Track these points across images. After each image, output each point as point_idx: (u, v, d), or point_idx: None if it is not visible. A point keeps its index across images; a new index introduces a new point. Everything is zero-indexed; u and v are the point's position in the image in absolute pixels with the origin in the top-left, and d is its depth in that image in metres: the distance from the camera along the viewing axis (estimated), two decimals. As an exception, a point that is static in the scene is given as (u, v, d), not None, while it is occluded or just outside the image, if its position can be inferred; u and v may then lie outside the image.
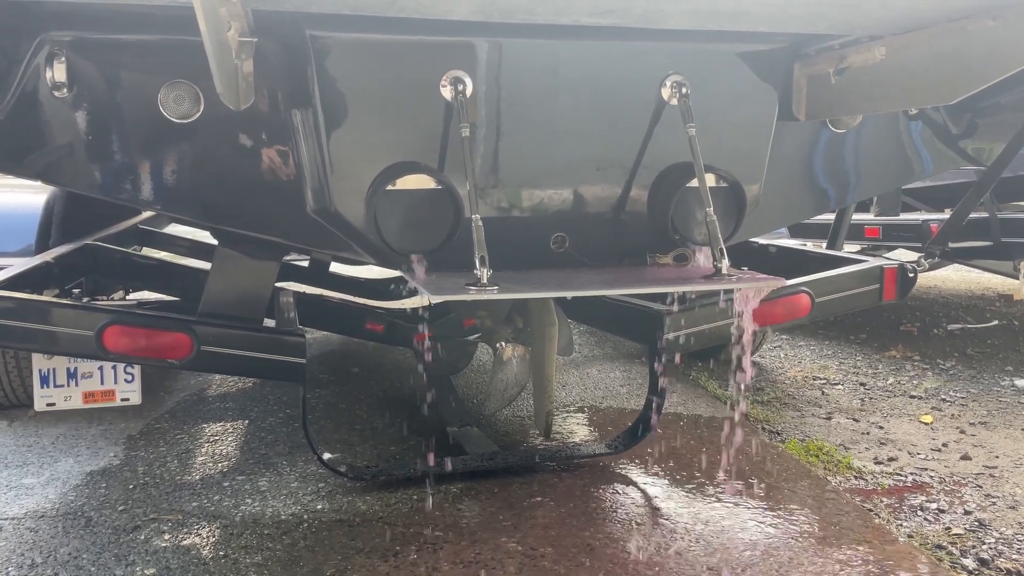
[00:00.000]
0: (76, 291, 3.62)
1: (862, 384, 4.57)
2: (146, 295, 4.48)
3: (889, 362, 5.01)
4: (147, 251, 4.93)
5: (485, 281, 1.96)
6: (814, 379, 4.70)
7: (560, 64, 2.29)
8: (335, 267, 5.10)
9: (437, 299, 1.93)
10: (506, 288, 1.98)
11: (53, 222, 3.98)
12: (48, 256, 3.40)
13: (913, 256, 5.31)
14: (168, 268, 4.24)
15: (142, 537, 2.72)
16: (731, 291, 2.60)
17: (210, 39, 1.64)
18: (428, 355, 4.08)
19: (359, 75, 2.16)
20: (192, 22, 1.93)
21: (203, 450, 3.54)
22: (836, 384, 4.59)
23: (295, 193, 2.31)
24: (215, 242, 4.77)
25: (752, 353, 4.81)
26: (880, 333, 5.68)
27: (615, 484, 3.14)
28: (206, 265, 4.62)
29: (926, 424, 3.92)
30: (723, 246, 2.13)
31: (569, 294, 2.43)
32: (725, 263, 2.10)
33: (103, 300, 3.93)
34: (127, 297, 4.57)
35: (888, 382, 4.60)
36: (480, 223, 2.00)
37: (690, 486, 3.11)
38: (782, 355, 5.23)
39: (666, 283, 2.23)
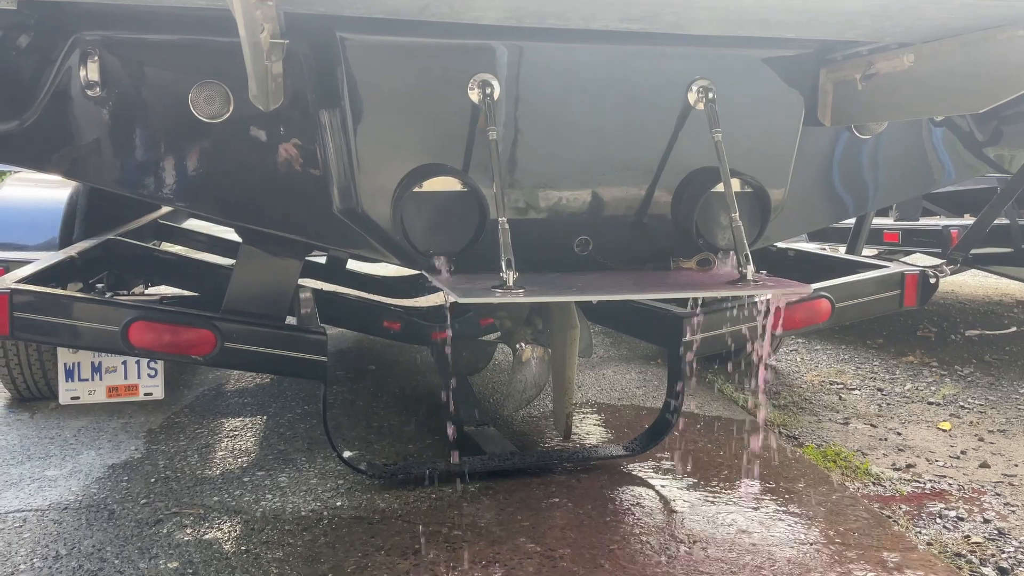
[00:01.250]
0: (99, 286, 3.67)
1: (879, 390, 4.56)
2: (164, 290, 4.51)
3: (906, 367, 4.99)
4: (166, 246, 4.98)
5: (511, 284, 1.97)
6: (831, 384, 4.69)
7: (586, 68, 2.30)
8: (352, 264, 5.13)
9: (464, 301, 1.95)
10: (531, 291, 1.99)
11: (76, 217, 4.03)
12: (72, 251, 3.43)
13: (929, 261, 5.31)
14: (187, 263, 4.27)
15: (164, 530, 2.75)
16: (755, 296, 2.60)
17: (247, 41, 1.66)
18: (446, 354, 4.10)
19: (388, 77, 2.17)
20: (222, 23, 1.96)
21: (223, 445, 3.57)
22: (853, 389, 4.58)
23: (322, 193, 2.32)
24: (232, 237, 4.83)
25: (768, 357, 4.80)
26: (897, 338, 5.66)
27: (632, 486, 3.14)
28: (224, 260, 4.67)
29: (944, 431, 3.91)
30: (748, 251, 2.13)
31: (594, 298, 2.44)
32: (750, 269, 2.11)
33: (125, 294, 3.99)
34: (146, 292, 4.62)
35: (905, 388, 4.58)
36: (507, 226, 2.02)
37: (707, 489, 3.12)
38: (798, 359, 5.22)
39: (691, 288, 2.23)
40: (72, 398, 3.05)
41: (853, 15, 1.88)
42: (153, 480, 3.17)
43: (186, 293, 4.28)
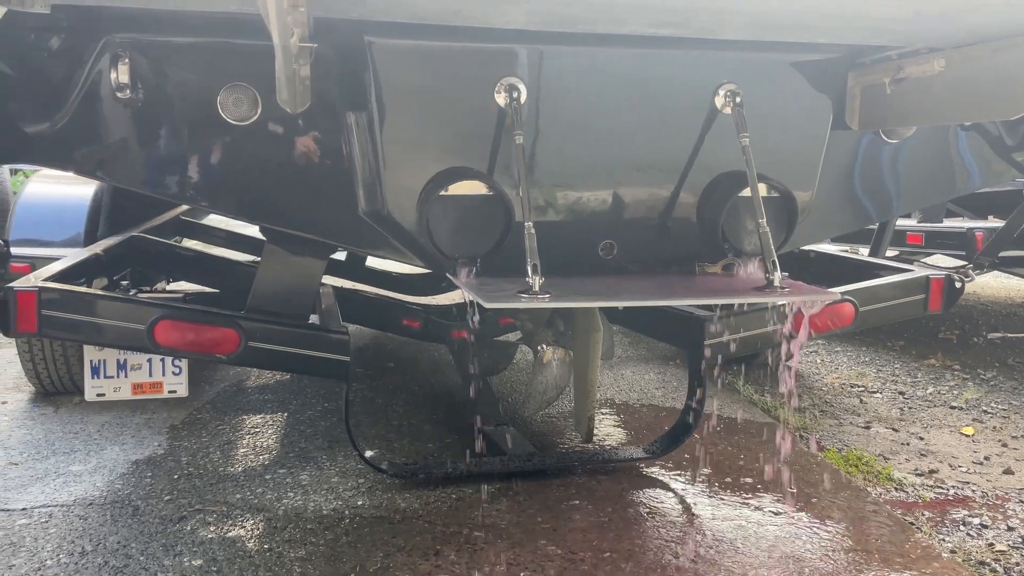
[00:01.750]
0: (124, 283, 3.70)
1: (901, 393, 4.53)
2: (184, 286, 4.56)
3: (928, 370, 4.94)
4: (187, 242, 5.02)
5: (537, 289, 1.97)
6: (852, 386, 4.65)
7: (612, 72, 2.29)
8: (371, 261, 5.14)
9: (491, 307, 1.95)
10: (558, 297, 1.99)
11: (101, 213, 4.07)
12: (98, 248, 3.47)
13: (949, 262, 5.26)
14: (208, 260, 4.32)
15: (188, 528, 2.78)
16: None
17: (279, 46, 1.66)
18: (466, 353, 4.11)
19: (415, 81, 2.18)
20: (250, 26, 1.97)
21: (244, 442, 3.60)
22: (874, 392, 4.55)
23: (348, 195, 2.33)
24: (251, 232, 4.86)
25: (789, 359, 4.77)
26: (918, 340, 5.61)
27: (652, 489, 3.14)
28: (243, 256, 4.70)
29: (967, 436, 3.87)
30: (775, 258, 2.12)
31: (621, 304, 2.43)
32: (778, 275, 2.09)
33: (148, 290, 4.03)
34: (167, 288, 4.67)
35: (927, 391, 4.54)
36: (533, 231, 2.02)
37: (727, 493, 3.11)
38: (818, 361, 5.18)
39: (719, 294, 2.22)
40: (98, 395, 3.09)
41: (888, 21, 1.86)
42: (176, 476, 3.20)
43: (206, 289, 4.33)
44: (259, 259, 4.54)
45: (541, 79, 2.24)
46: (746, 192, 2.29)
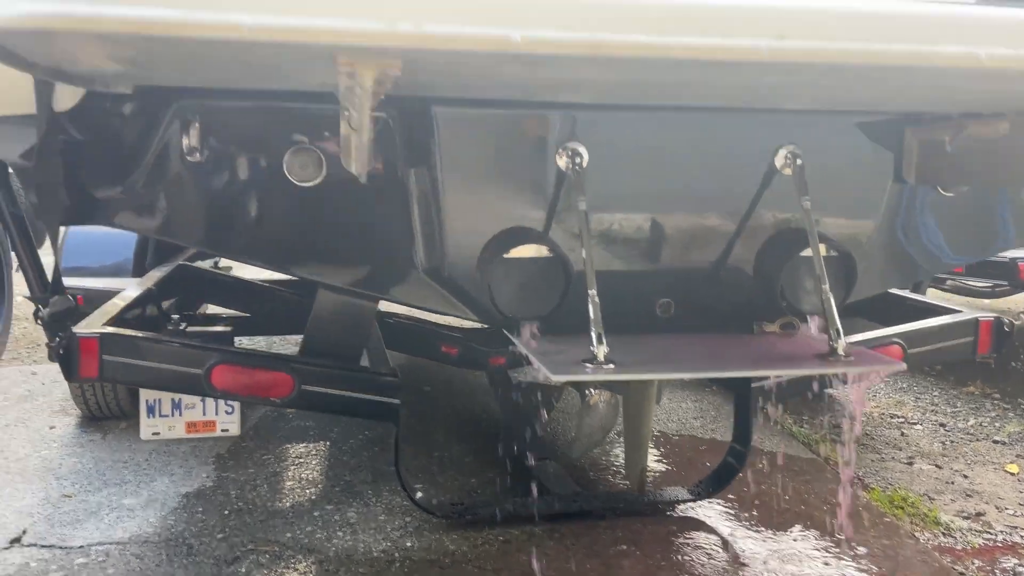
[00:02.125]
0: (175, 316, 3.75)
1: (942, 425, 4.50)
2: (214, 309, 4.64)
3: (968, 399, 4.91)
4: (224, 262, 5.09)
5: (602, 359, 1.98)
6: (891, 417, 4.63)
7: (672, 134, 2.30)
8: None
9: (557, 380, 1.96)
10: (622, 368, 1.99)
11: (149, 242, 4.13)
12: (149, 282, 3.52)
13: (979, 283, 5.22)
14: (245, 287, 4.39)
15: (243, 570, 2.82)
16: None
17: (350, 119, 1.69)
18: (505, 385, 4.12)
19: (480, 146, 2.20)
20: (318, 93, 1.99)
21: (289, 474, 3.64)
22: (915, 424, 4.52)
23: (409, 255, 2.36)
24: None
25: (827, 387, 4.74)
26: (955, 365, 5.55)
27: (699, 532, 3.14)
28: (278, 275, 4.76)
29: (1012, 474, 3.84)
30: (839, 325, 2.11)
31: (688, 376, 2.44)
32: (842, 343, 2.09)
33: (191, 315, 4.09)
34: (204, 312, 4.75)
35: (969, 423, 4.51)
36: (597, 300, 2.03)
37: (776, 538, 3.11)
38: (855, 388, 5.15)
39: (783, 363, 2.22)
40: (153, 434, 3.14)
41: (957, 101, 1.86)
42: (227, 512, 3.25)
43: (239, 313, 4.41)
44: (291, 278, 4.62)
45: (601, 142, 2.24)
46: (804, 252, 2.29)
